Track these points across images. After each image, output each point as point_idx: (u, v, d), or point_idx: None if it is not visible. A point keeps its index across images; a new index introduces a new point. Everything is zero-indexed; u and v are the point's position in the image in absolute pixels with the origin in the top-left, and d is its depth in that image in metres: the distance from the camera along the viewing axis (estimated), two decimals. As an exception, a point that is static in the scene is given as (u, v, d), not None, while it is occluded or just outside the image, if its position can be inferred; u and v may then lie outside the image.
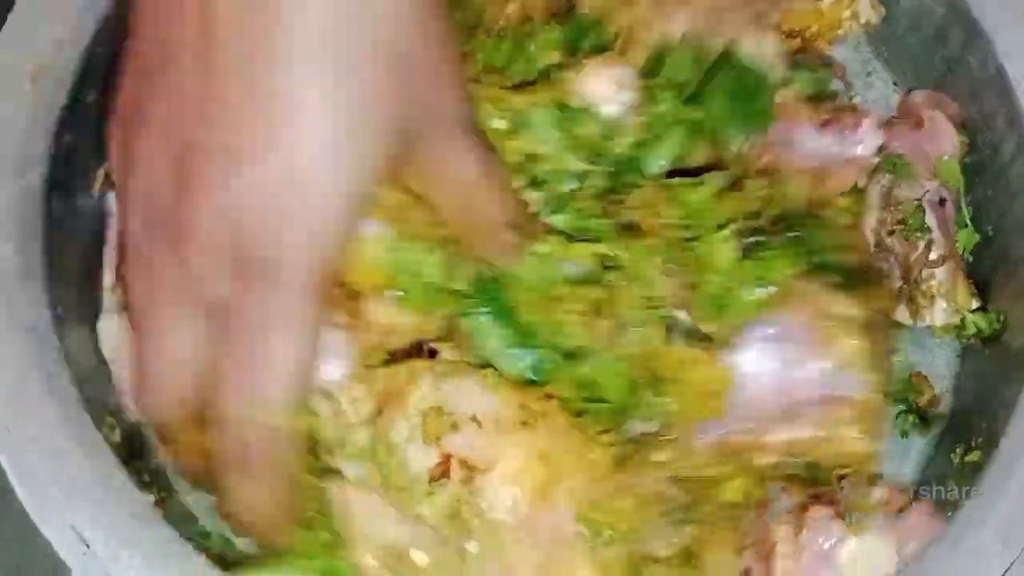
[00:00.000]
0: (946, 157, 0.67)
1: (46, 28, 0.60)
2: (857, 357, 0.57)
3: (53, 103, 0.60)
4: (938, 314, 0.64)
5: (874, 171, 0.65)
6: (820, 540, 0.57)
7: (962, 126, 0.67)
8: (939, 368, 0.68)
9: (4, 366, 0.56)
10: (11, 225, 0.57)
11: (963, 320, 0.64)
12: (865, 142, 0.64)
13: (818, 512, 0.58)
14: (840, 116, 0.64)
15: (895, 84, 0.74)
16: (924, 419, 0.66)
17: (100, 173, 0.63)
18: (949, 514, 0.57)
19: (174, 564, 0.54)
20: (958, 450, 0.63)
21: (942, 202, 0.66)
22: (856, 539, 0.56)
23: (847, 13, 0.67)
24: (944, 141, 0.67)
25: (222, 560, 0.56)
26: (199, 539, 0.56)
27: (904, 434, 0.66)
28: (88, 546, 0.54)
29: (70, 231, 0.61)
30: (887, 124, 0.66)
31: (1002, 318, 0.64)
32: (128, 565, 0.53)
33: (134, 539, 0.54)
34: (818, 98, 0.65)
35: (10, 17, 0.60)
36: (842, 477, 0.59)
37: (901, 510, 0.58)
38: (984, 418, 0.62)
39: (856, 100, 0.72)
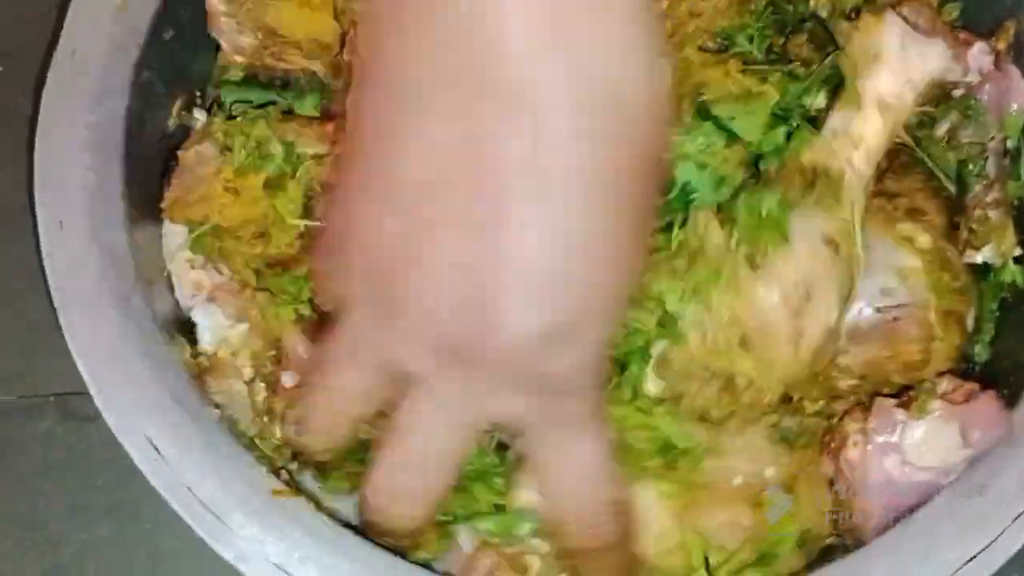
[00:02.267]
0: (1014, 111, 0.67)
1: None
2: (913, 271, 0.60)
3: (133, 38, 0.64)
4: (984, 253, 0.65)
5: (943, 108, 0.66)
6: (887, 428, 0.59)
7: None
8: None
9: (85, 290, 0.60)
10: (93, 151, 0.62)
11: (1004, 266, 0.65)
12: (975, 60, 0.66)
13: (884, 402, 0.60)
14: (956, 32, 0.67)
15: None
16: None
17: (177, 104, 0.66)
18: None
19: (238, 471, 0.58)
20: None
21: (1006, 153, 0.68)
22: (921, 425, 0.58)
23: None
24: (1015, 95, 0.68)
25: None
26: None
27: None
28: (159, 452, 0.58)
29: (145, 157, 0.64)
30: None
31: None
32: (197, 471, 0.58)
33: (201, 448, 0.58)
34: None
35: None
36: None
37: (966, 399, 0.59)
38: (1015, 371, 0.63)
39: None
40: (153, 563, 0.68)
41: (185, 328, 0.65)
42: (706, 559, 0.59)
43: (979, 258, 0.65)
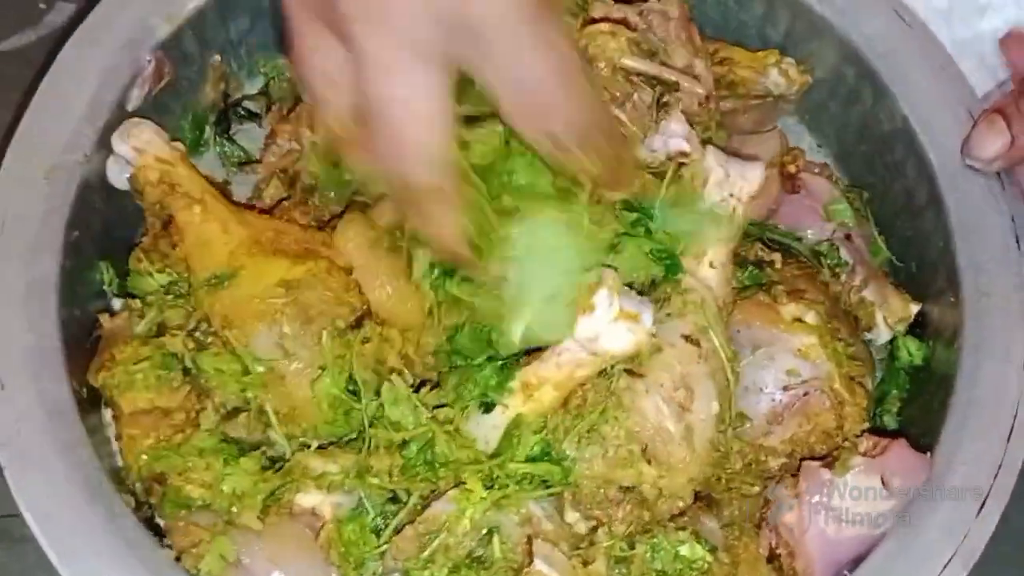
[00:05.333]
0: (831, 202, 0.76)
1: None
2: (811, 348, 0.65)
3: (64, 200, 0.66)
4: (879, 332, 0.72)
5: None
6: (816, 489, 0.63)
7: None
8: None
9: (35, 450, 0.60)
10: (29, 309, 0.63)
11: (900, 341, 0.71)
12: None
13: (810, 465, 0.64)
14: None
15: (819, 146, 0.82)
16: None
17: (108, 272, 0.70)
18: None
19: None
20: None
21: (848, 237, 0.75)
22: (846, 481, 0.62)
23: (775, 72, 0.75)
24: (823, 192, 0.76)
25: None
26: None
27: None
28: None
29: (80, 315, 0.67)
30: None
31: (930, 344, 0.71)
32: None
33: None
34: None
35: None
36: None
37: (883, 451, 0.64)
38: (921, 436, 0.67)
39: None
40: None
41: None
42: None
43: (881, 337, 0.71)
